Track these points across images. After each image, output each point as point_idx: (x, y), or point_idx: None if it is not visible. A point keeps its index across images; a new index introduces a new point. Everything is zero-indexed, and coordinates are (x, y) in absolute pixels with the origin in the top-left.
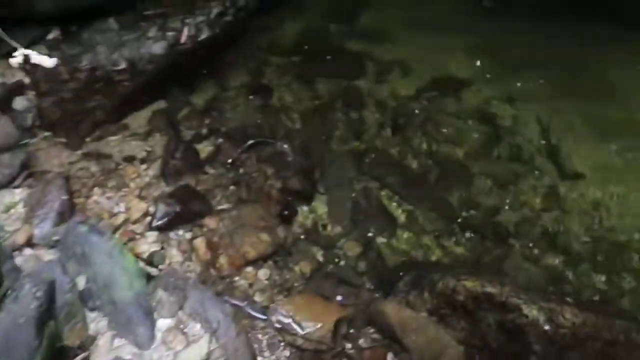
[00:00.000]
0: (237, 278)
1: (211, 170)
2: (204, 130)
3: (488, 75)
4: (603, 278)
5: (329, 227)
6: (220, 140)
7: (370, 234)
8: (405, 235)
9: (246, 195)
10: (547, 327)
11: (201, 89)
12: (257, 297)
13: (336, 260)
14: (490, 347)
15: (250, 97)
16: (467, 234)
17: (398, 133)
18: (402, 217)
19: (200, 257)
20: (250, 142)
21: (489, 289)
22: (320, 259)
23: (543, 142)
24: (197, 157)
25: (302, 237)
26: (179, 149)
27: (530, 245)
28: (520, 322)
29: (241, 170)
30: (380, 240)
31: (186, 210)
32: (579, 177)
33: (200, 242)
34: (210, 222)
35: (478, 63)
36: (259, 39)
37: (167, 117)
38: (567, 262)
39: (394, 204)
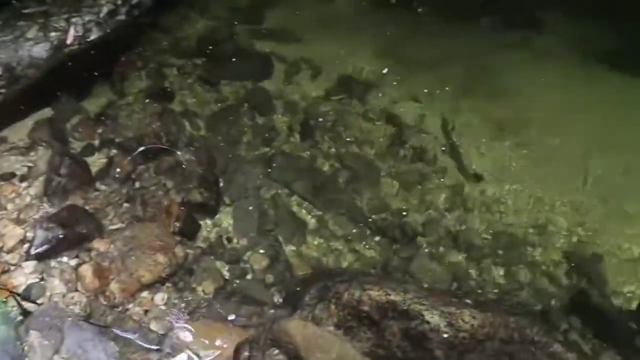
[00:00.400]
0: (130, 306)
1: (102, 187)
2: (96, 142)
3: (394, 76)
4: (502, 272)
5: (234, 240)
6: (114, 151)
7: (278, 244)
8: (316, 241)
9: (142, 213)
10: (447, 332)
11: (93, 95)
12: (153, 326)
13: (242, 275)
14: (395, 355)
15: (149, 102)
16: (377, 237)
17: (307, 136)
18: (312, 223)
19: (86, 286)
20: (142, 148)
21: (393, 296)
22: (225, 275)
23: (445, 141)
24: (87, 172)
25: (205, 253)
26: (65, 163)
27: (436, 244)
28: (423, 328)
29: (137, 185)
30: (289, 249)
31: (71, 233)
32: (478, 176)
33: (86, 269)
34: (99, 245)
35: (384, 63)
36: (157, 40)
37: (52, 127)
38: (470, 259)
39: (304, 210)
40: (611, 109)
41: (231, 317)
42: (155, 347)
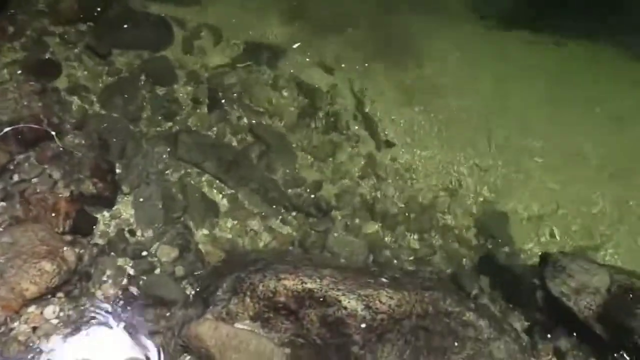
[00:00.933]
0: (15, 324)
1: None
2: None
3: (302, 41)
4: (416, 237)
5: (137, 233)
6: None
7: (188, 231)
8: (229, 223)
9: (23, 213)
10: (365, 315)
11: None
12: (44, 345)
13: (149, 271)
14: (315, 343)
15: (26, 78)
16: (293, 213)
17: (214, 109)
18: (224, 204)
19: None
20: (5, 130)
21: (309, 284)
22: (130, 272)
23: (357, 109)
24: None
25: (104, 251)
26: None
27: (351, 215)
28: (340, 314)
29: (15, 178)
30: (201, 234)
31: None
32: (390, 143)
33: None
34: None
35: (292, 28)
36: (35, 3)
37: None
38: (385, 227)
39: (215, 190)
40: (513, 71)
41: (135, 323)
42: None
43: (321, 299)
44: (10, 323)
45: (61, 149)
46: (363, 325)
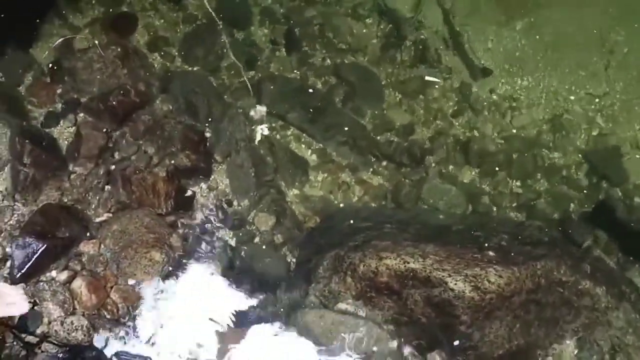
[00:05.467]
0: (137, 311)
1: (77, 168)
2: (58, 106)
3: None
4: (518, 183)
5: (234, 203)
6: (81, 116)
7: (281, 195)
8: (320, 178)
9: (127, 197)
10: (473, 296)
11: (41, 36)
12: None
13: (249, 240)
14: (419, 321)
15: (108, 40)
16: (384, 162)
17: (294, 49)
18: (313, 159)
19: (84, 304)
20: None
21: (412, 264)
22: (232, 244)
23: (447, 33)
24: (57, 152)
25: (205, 227)
26: (27, 149)
27: (446, 161)
28: (447, 296)
29: (116, 156)
30: (294, 194)
31: (53, 243)
32: (487, 71)
33: (79, 284)
34: (88, 247)
35: None
36: None
37: (3, 95)
38: (483, 173)
39: (303, 145)
40: None
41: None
42: None
43: (425, 280)
44: (133, 311)
45: (152, 119)
46: (471, 306)
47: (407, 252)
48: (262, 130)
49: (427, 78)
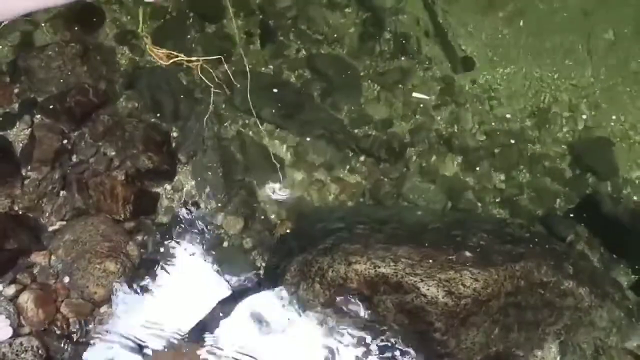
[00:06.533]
0: (90, 326)
1: (31, 173)
2: (15, 106)
3: None
4: (502, 177)
5: (201, 205)
6: (38, 117)
7: (252, 196)
8: (294, 177)
9: (82, 202)
10: (447, 302)
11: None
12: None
13: (216, 245)
14: (392, 329)
15: (70, 34)
16: (362, 158)
17: (268, 42)
18: (287, 157)
19: (30, 319)
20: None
21: (382, 269)
22: (198, 249)
23: (429, 22)
24: (10, 156)
25: (169, 231)
26: None
27: (427, 155)
28: (420, 302)
29: (74, 160)
30: (266, 195)
31: (0, 254)
32: (469, 61)
33: (25, 298)
34: (38, 258)
35: None
36: None
37: None
38: (466, 167)
39: (277, 141)
40: None
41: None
42: None
43: (397, 285)
44: (85, 326)
45: (112, 119)
46: (445, 312)
47: (377, 255)
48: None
49: (414, 95)
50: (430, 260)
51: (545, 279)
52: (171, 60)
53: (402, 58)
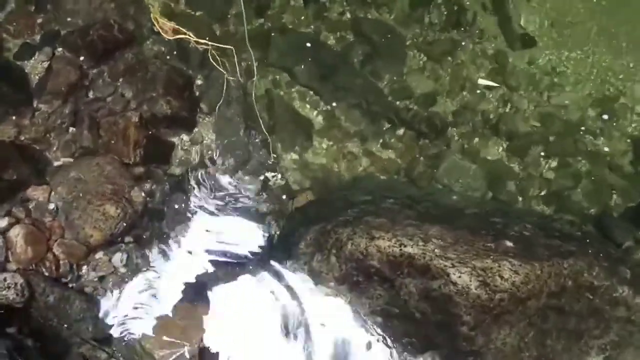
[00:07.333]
0: (83, 271)
1: (42, 105)
2: (37, 37)
3: None
4: (553, 165)
5: (219, 161)
6: (59, 50)
7: (275, 157)
8: (324, 145)
9: (91, 141)
10: (480, 294)
11: None
12: (109, 302)
13: (229, 206)
14: (412, 317)
15: None
16: (400, 131)
17: (312, 1)
18: (318, 121)
19: (17, 256)
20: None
21: (409, 248)
22: (210, 208)
23: None
24: (24, 86)
25: (180, 185)
26: None
27: (471, 135)
28: (448, 291)
29: (90, 96)
30: (291, 159)
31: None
32: (529, 39)
33: (16, 233)
34: (36, 193)
35: None
36: None
37: None
38: (512, 152)
39: (308, 105)
40: None
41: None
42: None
43: (424, 268)
44: (77, 271)
45: (137, 59)
46: (476, 305)
47: (405, 232)
48: None
49: (481, 82)
50: (466, 245)
51: (596, 282)
52: (177, 36)
53: (454, 30)
